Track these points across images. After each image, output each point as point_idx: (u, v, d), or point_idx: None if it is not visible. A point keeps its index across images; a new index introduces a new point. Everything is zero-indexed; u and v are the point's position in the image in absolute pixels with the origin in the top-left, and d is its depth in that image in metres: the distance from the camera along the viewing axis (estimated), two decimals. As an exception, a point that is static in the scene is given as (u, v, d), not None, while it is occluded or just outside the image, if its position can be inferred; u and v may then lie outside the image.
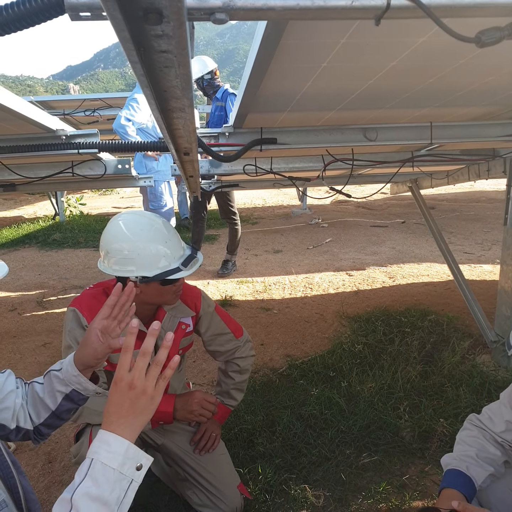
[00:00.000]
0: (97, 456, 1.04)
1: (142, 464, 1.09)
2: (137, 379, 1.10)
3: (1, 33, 0.74)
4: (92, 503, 0.99)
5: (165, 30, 0.70)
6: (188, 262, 1.91)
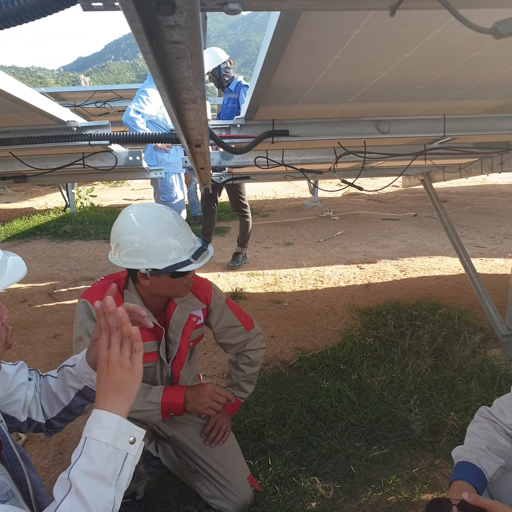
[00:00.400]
0: (90, 434, 1.08)
1: (135, 438, 1.11)
2: (112, 355, 1.15)
3: (13, 23, 0.73)
4: (90, 479, 1.03)
5: (177, 21, 0.69)
6: (198, 255, 1.90)
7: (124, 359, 1.15)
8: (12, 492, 1.22)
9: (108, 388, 1.13)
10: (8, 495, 1.21)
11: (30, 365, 1.59)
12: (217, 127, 2.37)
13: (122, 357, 1.15)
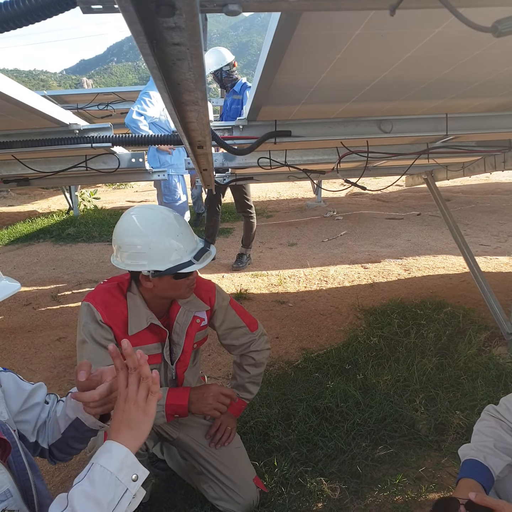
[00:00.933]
0: (97, 460, 1.13)
1: (138, 476, 1.15)
2: (129, 394, 1.21)
3: (13, 26, 0.73)
4: (87, 501, 1.06)
5: (177, 22, 0.69)
6: (200, 256, 1.90)
7: (140, 398, 1.21)
8: (11, 492, 1.23)
9: (121, 424, 1.19)
10: (6, 494, 1.21)
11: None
12: (220, 128, 2.38)
13: (138, 397, 1.21)
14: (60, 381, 3.47)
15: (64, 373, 3.59)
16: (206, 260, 1.91)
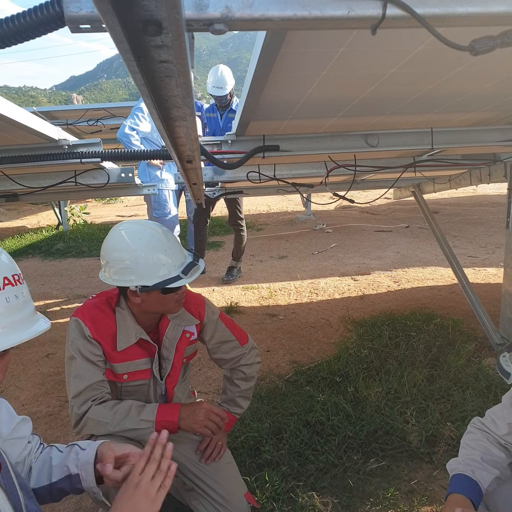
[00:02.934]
0: None
1: None
2: (143, 482, 1.21)
3: (2, 45, 0.75)
4: None
5: (164, 41, 0.71)
6: (188, 270, 1.90)
7: (152, 489, 1.21)
8: None
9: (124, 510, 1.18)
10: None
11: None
12: (209, 143, 2.40)
13: (150, 487, 1.21)
14: (49, 398, 3.43)
15: (53, 389, 3.55)
16: (195, 274, 1.91)
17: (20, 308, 1.22)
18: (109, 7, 0.58)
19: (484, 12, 0.78)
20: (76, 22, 0.72)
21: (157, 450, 1.25)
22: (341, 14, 0.74)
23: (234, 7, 0.73)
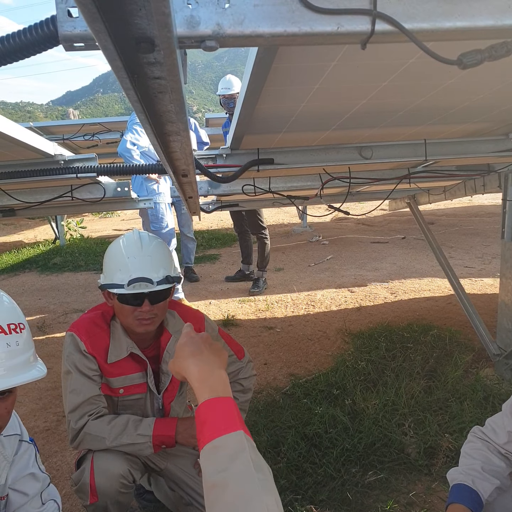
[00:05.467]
0: None
1: None
2: None
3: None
4: None
5: (157, 58, 0.72)
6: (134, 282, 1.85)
7: None
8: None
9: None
10: None
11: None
12: (204, 157, 2.41)
13: None
14: (46, 413, 3.41)
15: (50, 404, 3.53)
16: (138, 289, 1.85)
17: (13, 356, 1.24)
18: (102, 26, 0.59)
19: (471, 27, 0.79)
20: (70, 40, 0.73)
21: None
22: (331, 30, 0.76)
23: (225, 24, 0.74)
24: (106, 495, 1.89)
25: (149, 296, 1.87)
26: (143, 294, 1.86)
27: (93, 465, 1.90)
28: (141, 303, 1.87)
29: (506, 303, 3.33)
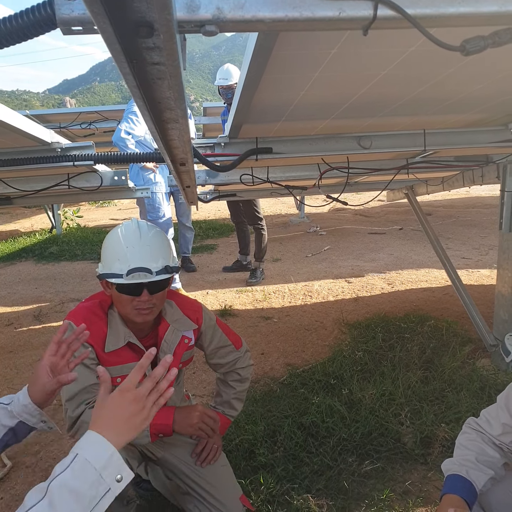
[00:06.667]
0: (82, 452, 1.07)
1: (123, 477, 1.10)
2: (141, 396, 1.18)
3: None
4: (68, 495, 1.01)
5: (156, 43, 0.71)
6: (133, 272, 1.84)
7: (149, 406, 1.19)
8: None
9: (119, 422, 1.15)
10: None
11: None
12: (202, 145, 2.40)
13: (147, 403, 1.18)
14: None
15: (47, 393, 3.53)
16: (137, 279, 1.85)
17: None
18: (101, 9, 0.58)
19: (475, 12, 0.78)
20: (68, 24, 0.72)
21: (158, 370, 1.22)
22: (332, 15, 0.75)
23: (225, 8, 0.73)
24: (103, 484, 1.90)
25: (148, 286, 1.87)
26: (142, 284, 1.85)
27: None
28: (140, 292, 1.87)
29: (503, 293, 3.34)
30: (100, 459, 1.07)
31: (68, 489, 1.02)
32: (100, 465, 1.06)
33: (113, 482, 1.07)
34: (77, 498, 1.01)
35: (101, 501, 1.05)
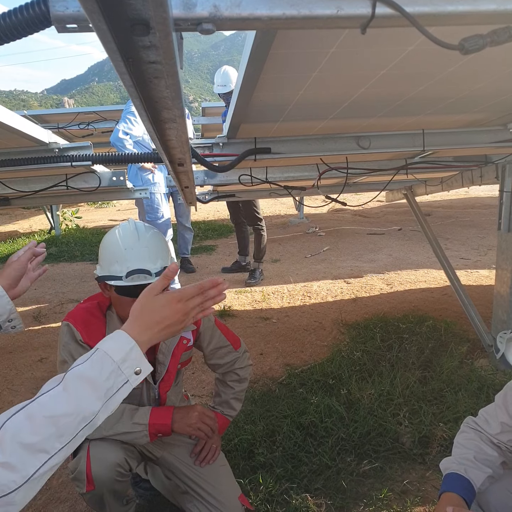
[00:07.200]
0: (102, 345, 1.10)
1: (141, 370, 1.11)
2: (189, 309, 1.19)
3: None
4: (84, 383, 1.04)
5: (152, 41, 0.70)
6: (132, 274, 1.84)
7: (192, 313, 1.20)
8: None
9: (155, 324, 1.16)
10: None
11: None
12: (200, 146, 2.39)
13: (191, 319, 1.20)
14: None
15: (45, 394, 3.52)
16: (136, 281, 1.84)
17: None
18: (95, 6, 0.57)
19: (473, 11, 0.78)
20: (62, 21, 0.72)
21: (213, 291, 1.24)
22: (330, 13, 0.74)
23: (222, 6, 0.72)
24: (103, 484, 1.89)
25: None
26: (141, 285, 1.85)
27: (89, 454, 1.90)
28: (138, 294, 1.86)
29: (501, 294, 3.34)
30: (119, 351, 1.08)
31: (84, 378, 1.04)
32: (119, 357, 1.07)
33: (131, 374, 1.09)
34: (93, 386, 1.03)
35: (118, 392, 1.07)
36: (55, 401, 1.03)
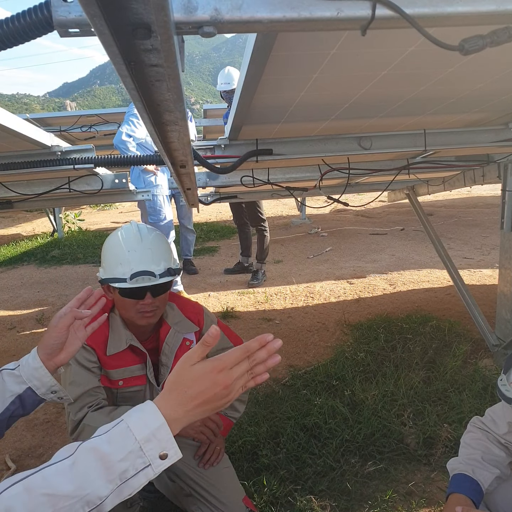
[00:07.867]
0: (127, 418, 0.95)
1: (167, 454, 0.94)
2: (234, 383, 1.00)
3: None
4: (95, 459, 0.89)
5: (154, 45, 0.71)
6: (136, 276, 1.85)
7: (235, 396, 1.01)
8: None
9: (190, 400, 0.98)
10: None
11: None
12: (202, 147, 2.40)
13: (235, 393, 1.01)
14: (46, 405, 3.42)
15: (49, 397, 3.53)
16: (141, 283, 1.85)
17: None
18: (97, 11, 0.57)
19: (473, 12, 0.78)
20: (65, 26, 0.72)
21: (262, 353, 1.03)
22: (330, 15, 0.74)
23: (223, 9, 0.72)
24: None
25: (151, 289, 1.87)
26: (145, 287, 1.86)
27: None
28: (143, 296, 1.87)
29: (505, 293, 3.33)
30: (144, 428, 0.93)
31: (98, 454, 0.89)
32: (142, 436, 0.92)
33: (155, 458, 0.92)
34: (106, 466, 0.89)
35: (136, 476, 0.91)
36: (59, 477, 0.88)
